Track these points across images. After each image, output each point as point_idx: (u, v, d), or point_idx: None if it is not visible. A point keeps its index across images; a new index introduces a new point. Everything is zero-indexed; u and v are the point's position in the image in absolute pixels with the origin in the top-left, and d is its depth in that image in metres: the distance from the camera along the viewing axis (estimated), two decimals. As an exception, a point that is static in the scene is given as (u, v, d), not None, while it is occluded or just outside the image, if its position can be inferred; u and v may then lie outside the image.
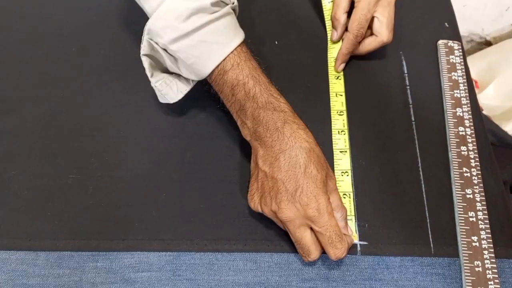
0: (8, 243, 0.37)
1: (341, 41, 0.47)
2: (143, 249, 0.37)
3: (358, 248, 0.37)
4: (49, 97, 0.45)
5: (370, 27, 0.45)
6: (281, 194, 0.34)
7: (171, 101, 0.39)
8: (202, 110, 0.44)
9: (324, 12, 0.48)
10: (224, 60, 0.35)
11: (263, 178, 0.36)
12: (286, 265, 0.37)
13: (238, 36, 0.36)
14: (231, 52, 0.36)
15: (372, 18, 0.44)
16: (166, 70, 0.39)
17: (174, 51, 0.35)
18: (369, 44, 0.45)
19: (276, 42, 0.49)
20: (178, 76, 0.39)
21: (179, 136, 0.43)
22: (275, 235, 0.38)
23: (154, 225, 0.38)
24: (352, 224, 0.38)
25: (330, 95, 0.45)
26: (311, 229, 0.35)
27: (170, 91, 0.39)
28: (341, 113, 0.44)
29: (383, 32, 0.44)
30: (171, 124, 0.43)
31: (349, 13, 0.46)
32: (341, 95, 0.45)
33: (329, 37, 0.48)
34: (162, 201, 0.39)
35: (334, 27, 0.47)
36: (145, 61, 0.38)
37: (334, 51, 0.47)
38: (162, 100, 0.40)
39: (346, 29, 0.46)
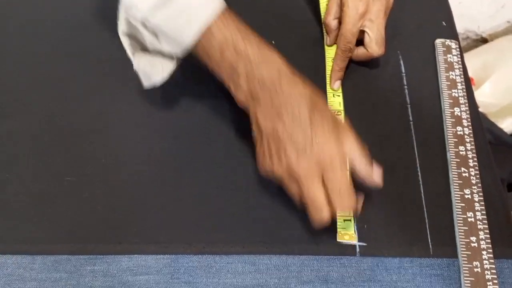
0: (4, 247, 0.37)
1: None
2: (140, 252, 0.36)
3: (357, 249, 0.37)
4: (45, 100, 0.44)
5: (361, 39, 0.45)
6: (290, 149, 0.33)
7: (157, 83, 0.38)
8: (199, 115, 0.44)
9: (322, 14, 0.48)
10: (210, 23, 0.33)
11: (268, 138, 0.35)
12: (285, 267, 0.36)
13: None
14: (217, 14, 0.34)
15: (363, 31, 0.44)
16: (147, 50, 0.37)
17: (154, 24, 0.34)
18: (360, 56, 0.45)
19: (273, 42, 0.48)
20: (162, 55, 0.37)
21: (177, 139, 0.42)
22: (274, 237, 0.37)
23: (151, 228, 0.38)
24: (351, 225, 0.38)
25: (328, 95, 0.45)
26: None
27: (154, 71, 0.37)
28: (339, 113, 0.44)
29: (372, 47, 0.44)
30: (168, 127, 0.43)
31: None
32: (339, 95, 0.45)
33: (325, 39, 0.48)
34: (160, 204, 0.39)
35: (326, 32, 0.47)
36: (125, 41, 0.36)
37: (331, 52, 0.47)
38: (147, 83, 0.38)
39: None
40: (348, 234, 0.37)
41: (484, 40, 1.03)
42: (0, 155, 0.41)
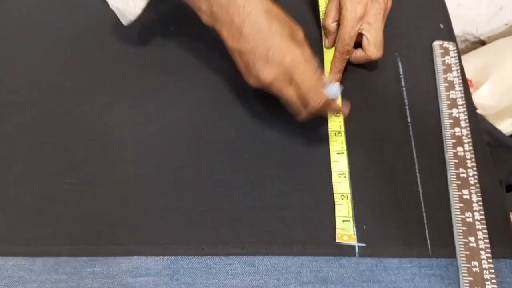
0: (4, 248, 0.37)
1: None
2: (140, 254, 0.37)
3: (356, 250, 0.37)
4: (45, 102, 0.44)
5: (360, 42, 0.45)
6: (256, 63, 0.36)
7: (132, 18, 0.40)
8: (198, 116, 0.44)
9: (320, 16, 0.49)
10: None
11: (237, 56, 0.37)
12: (284, 268, 0.37)
13: None
14: None
15: (361, 34, 0.44)
16: None
17: None
18: (358, 59, 0.46)
19: None
20: None
21: (175, 140, 0.42)
22: (273, 238, 0.38)
23: (151, 229, 0.38)
24: (350, 225, 0.38)
25: None
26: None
27: (127, 8, 0.40)
28: (338, 115, 0.44)
29: (370, 50, 0.44)
30: (167, 128, 0.43)
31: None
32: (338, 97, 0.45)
33: (323, 41, 0.48)
34: (159, 205, 0.39)
35: (325, 34, 0.47)
36: None
37: (330, 54, 0.47)
38: (124, 21, 0.41)
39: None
40: (347, 235, 0.38)
41: (482, 42, 1.03)
42: (1, 157, 0.41)
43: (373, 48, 0.44)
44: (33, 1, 0.52)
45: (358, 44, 0.45)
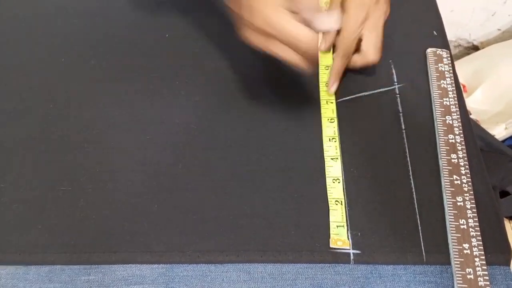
0: (-3, 257, 0.37)
1: (331, 52, 0.48)
2: (135, 262, 0.36)
3: (351, 257, 0.37)
4: (39, 109, 0.44)
5: (358, 48, 0.45)
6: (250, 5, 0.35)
7: None
8: (192, 122, 0.44)
9: None
10: None
11: (235, 9, 0.37)
12: (280, 275, 0.37)
13: None
14: None
15: (360, 39, 0.44)
16: None
17: None
18: (356, 62, 0.46)
19: None
20: None
21: (171, 147, 0.42)
22: (268, 245, 0.38)
23: (146, 237, 0.38)
24: (344, 231, 0.38)
25: (321, 103, 0.45)
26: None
27: None
28: (332, 120, 0.44)
29: (369, 54, 0.44)
30: (162, 135, 0.43)
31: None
32: (332, 103, 0.45)
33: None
34: (154, 213, 0.39)
35: (323, 37, 0.47)
36: None
37: (325, 59, 0.47)
38: None
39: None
40: (341, 240, 0.38)
41: (475, 48, 1.04)
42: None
43: (372, 52, 0.44)
44: (27, 8, 0.52)
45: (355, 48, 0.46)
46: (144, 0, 0.52)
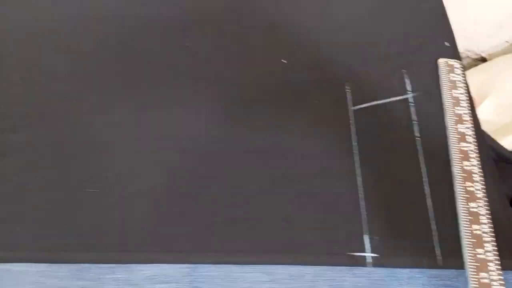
0: (27, 255, 0.38)
1: None
2: (160, 261, 0.38)
3: (370, 260, 0.38)
4: (66, 112, 0.46)
5: None
6: None
7: None
8: (214, 127, 0.45)
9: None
10: None
11: None
12: (300, 277, 0.38)
13: None
14: None
15: None
16: None
17: None
18: None
19: (285, 61, 0.51)
20: None
21: (192, 152, 0.44)
22: (290, 247, 0.39)
23: (170, 237, 0.39)
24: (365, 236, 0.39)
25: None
26: None
27: None
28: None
29: None
30: (182, 140, 0.45)
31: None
32: None
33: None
34: (178, 215, 0.40)
35: None
36: None
37: None
38: None
39: None
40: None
41: (483, 60, 1.05)
42: (21, 166, 0.42)
43: None
44: (50, 14, 0.54)
45: None
46: (167, 9, 0.54)
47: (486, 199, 0.41)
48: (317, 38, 0.53)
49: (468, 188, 0.42)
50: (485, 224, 0.40)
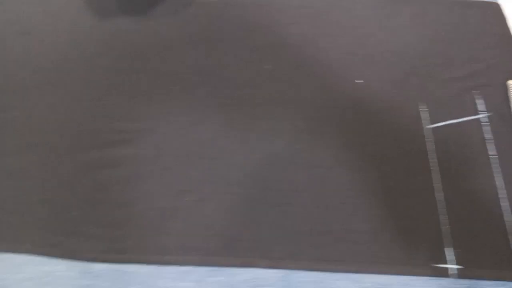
0: (136, 257, 0.42)
1: None
2: (257, 266, 0.41)
3: (455, 271, 0.40)
4: (164, 128, 0.50)
5: None
6: None
7: None
8: (296, 143, 0.49)
9: None
10: None
11: None
12: (388, 286, 0.40)
13: None
14: None
15: None
16: None
17: None
18: None
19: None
20: None
21: (276, 165, 0.47)
22: (378, 257, 0.41)
23: (265, 244, 0.42)
24: (450, 249, 0.42)
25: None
26: None
27: None
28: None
29: None
30: (269, 155, 0.48)
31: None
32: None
33: None
34: (271, 223, 0.43)
35: None
36: None
37: None
38: None
39: None
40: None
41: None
42: (127, 177, 0.47)
43: None
44: (82, 28, 0.59)
45: None
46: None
47: None
48: (389, 59, 0.56)
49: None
50: None
